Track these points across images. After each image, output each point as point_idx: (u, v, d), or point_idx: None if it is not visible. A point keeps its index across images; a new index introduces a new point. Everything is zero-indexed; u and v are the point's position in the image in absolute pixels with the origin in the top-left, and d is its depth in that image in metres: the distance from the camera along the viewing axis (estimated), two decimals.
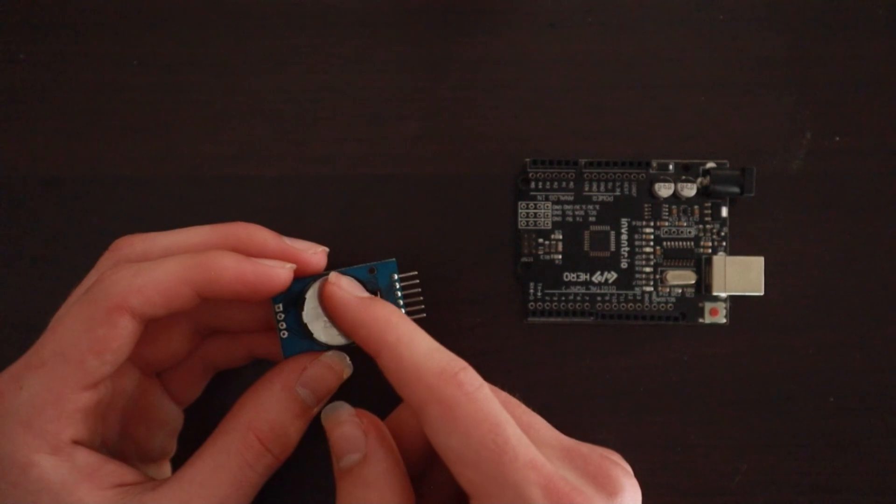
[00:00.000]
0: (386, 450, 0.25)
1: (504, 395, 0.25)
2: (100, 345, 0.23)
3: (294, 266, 0.25)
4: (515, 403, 0.25)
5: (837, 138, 0.31)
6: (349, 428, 0.25)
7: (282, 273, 0.25)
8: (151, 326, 0.25)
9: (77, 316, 0.23)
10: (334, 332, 0.26)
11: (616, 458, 0.25)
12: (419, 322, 0.27)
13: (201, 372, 0.29)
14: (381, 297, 0.26)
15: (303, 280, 0.26)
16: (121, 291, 0.23)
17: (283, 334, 0.26)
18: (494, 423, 0.22)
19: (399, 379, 0.23)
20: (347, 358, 0.27)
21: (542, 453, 0.22)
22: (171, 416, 0.29)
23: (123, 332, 0.23)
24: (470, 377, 0.23)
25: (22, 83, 0.31)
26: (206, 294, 0.24)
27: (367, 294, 0.26)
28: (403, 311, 0.27)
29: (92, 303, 0.23)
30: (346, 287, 0.25)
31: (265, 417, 0.25)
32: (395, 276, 0.27)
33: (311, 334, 0.26)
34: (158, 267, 0.24)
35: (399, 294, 0.27)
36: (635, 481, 0.24)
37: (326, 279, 0.26)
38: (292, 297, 0.26)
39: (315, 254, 0.26)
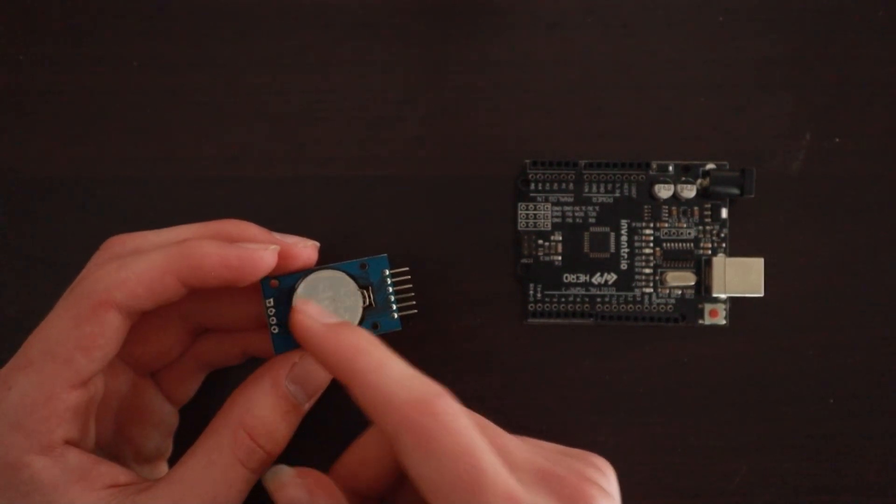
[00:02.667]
0: None
1: (477, 417, 0.24)
2: (87, 341, 0.23)
3: (277, 248, 0.25)
4: (489, 426, 0.24)
5: (837, 139, 0.31)
6: (293, 490, 0.24)
7: (265, 255, 0.24)
8: (143, 325, 0.25)
9: (63, 314, 0.23)
10: None
11: (593, 472, 0.24)
12: (411, 318, 0.27)
13: (195, 371, 0.29)
14: (373, 291, 0.27)
15: (294, 276, 0.26)
16: (105, 286, 0.23)
17: (274, 330, 0.26)
18: (470, 453, 0.21)
19: (371, 407, 0.22)
20: None
21: (518, 478, 0.21)
22: (166, 415, 0.28)
23: (110, 328, 0.23)
24: (445, 405, 0.22)
25: (22, 85, 0.31)
26: (190, 282, 0.24)
27: (336, 320, 0.25)
28: (394, 305, 0.27)
29: (77, 300, 0.23)
30: (312, 314, 0.24)
31: (255, 414, 0.25)
32: (387, 272, 0.27)
33: None
34: (141, 259, 0.24)
35: (390, 290, 0.27)
36: (614, 500, 0.23)
37: (293, 307, 0.25)
38: (283, 292, 0.26)
39: (305, 247, 0.26)
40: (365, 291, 0.27)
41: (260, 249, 0.25)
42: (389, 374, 0.22)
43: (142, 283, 0.23)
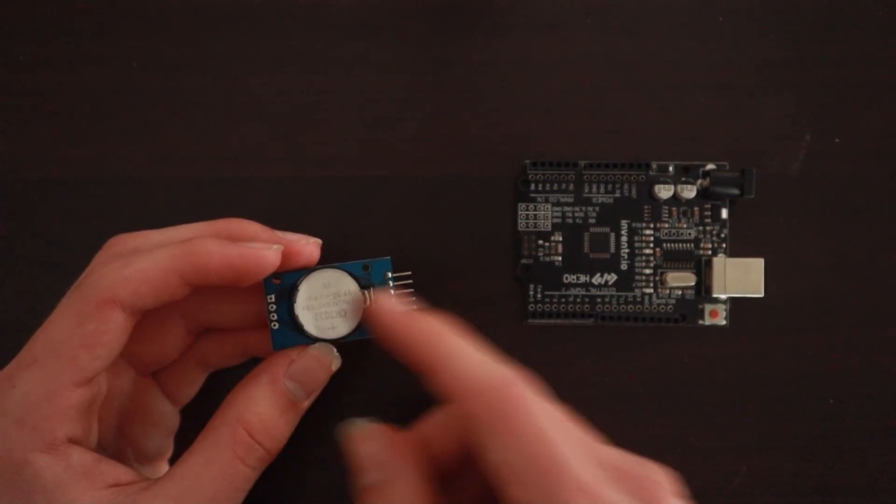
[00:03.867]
0: (408, 468, 0.24)
1: (557, 408, 0.24)
2: (91, 339, 0.23)
3: (281, 247, 0.25)
4: (568, 418, 0.24)
5: (837, 140, 0.31)
6: (371, 445, 0.24)
7: (268, 254, 0.25)
8: (145, 324, 0.25)
9: (67, 312, 0.23)
10: (325, 324, 0.26)
11: (667, 481, 0.23)
12: None
13: (197, 371, 0.29)
14: (375, 293, 0.27)
15: (296, 273, 0.26)
16: (109, 284, 0.23)
17: (274, 325, 0.26)
18: (546, 438, 0.21)
19: (449, 391, 0.22)
20: (335, 350, 0.27)
21: (594, 473, 0.21)
22: (167, 415, 0.29)
23: (114, 326, 0.23)
24: (523, 389, 0.22)
25: (21, 85, 0.31)
26: (194, 281, 0.24)
27: (410, 310, 0.25)
28: None
29: (81, 298, 0.23)
30: (392, 302, 0.25)
31: (254, 410, 0.25)
32: (389, 275, 0.27)
33: (302, 326, 0.26)
34: (145, 258, 0.24)
35: (392, 293, 0.27)
36: None
37: (373, 296, 0.26)
38: (285, 289, 0.26)
39: (307, 244, 0.26)
40: (366, 292, 0.27)
41: (263, 248, 0.25)
42: (468, 358, 0.23)
43: (146, 281, 0.23)
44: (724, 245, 0.30)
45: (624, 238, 0.30)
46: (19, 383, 0.23)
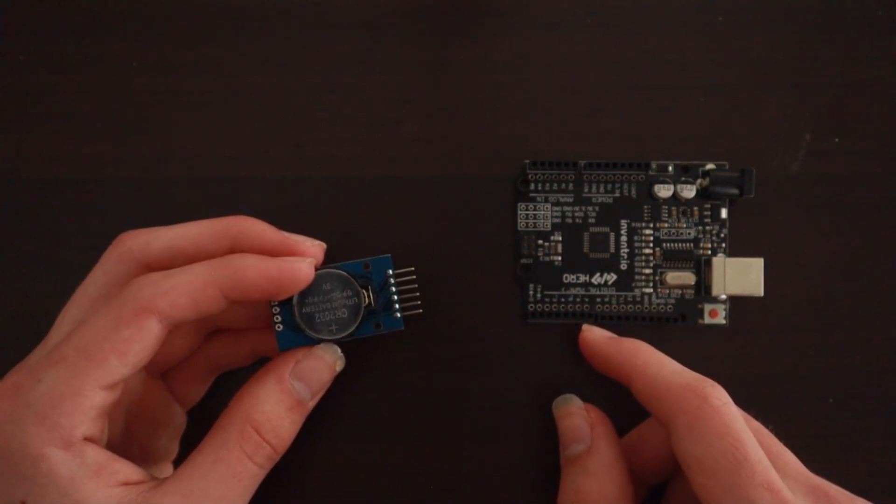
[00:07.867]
0: (609, 443, 0.27)
1: (755, 423, 0.26)
2: (124, 345, 0.23)
3: (314, 260, 0.26)
4: (766, 434, 0.26)
5: (837, 139, 0.31)
6: (577, 420, 0.28)
7: (304, 267, 0.25)
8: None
9: (104, 316, 0.24)
10: (327, 325, 0.27)
11: None
12: (416, 318, 0.27)
13: (205, 372, 0.29)
14: (374, 291, 0.27)
15: None
16: (149, 294, 0.24)
17: (279, 328, 0.27)
18: (736, 437, 0.23)
19: (649, 395, 0.25)
20: (339, 350, 0.27)
21: (785, 484, 0.23)
22: (175, 416, 0.29)
23: (149, 335, 0.23)
24: (717, 393, 0.24)
25: (21, 85, 0.31)
26: (232, 294, 0.24)
27: (614, 336, 0.29)
28: (397, 305, 0.27)
29: (120, 304, 0.24)
30: (597, 332, 0.29)
31: (261, 409, 0.25)
32: (390, 272, 0.27)
33: (304, 328, 0.26)
34: (185, 271, 0.24)
35: (393, 290, 0.27)
36: None
37: (582, 328, 0.29)
38: None
39: (312, 246, 0.27)
40: (366, 291, 0.27)
41: (298, 261, 0.25)
42: (666, 366, 0.26)
43: (185, 293, 0.24)
44: (723, 245, 0.30)
45: (624, 238, 0.30)
46: (45, 378, 0.23)
